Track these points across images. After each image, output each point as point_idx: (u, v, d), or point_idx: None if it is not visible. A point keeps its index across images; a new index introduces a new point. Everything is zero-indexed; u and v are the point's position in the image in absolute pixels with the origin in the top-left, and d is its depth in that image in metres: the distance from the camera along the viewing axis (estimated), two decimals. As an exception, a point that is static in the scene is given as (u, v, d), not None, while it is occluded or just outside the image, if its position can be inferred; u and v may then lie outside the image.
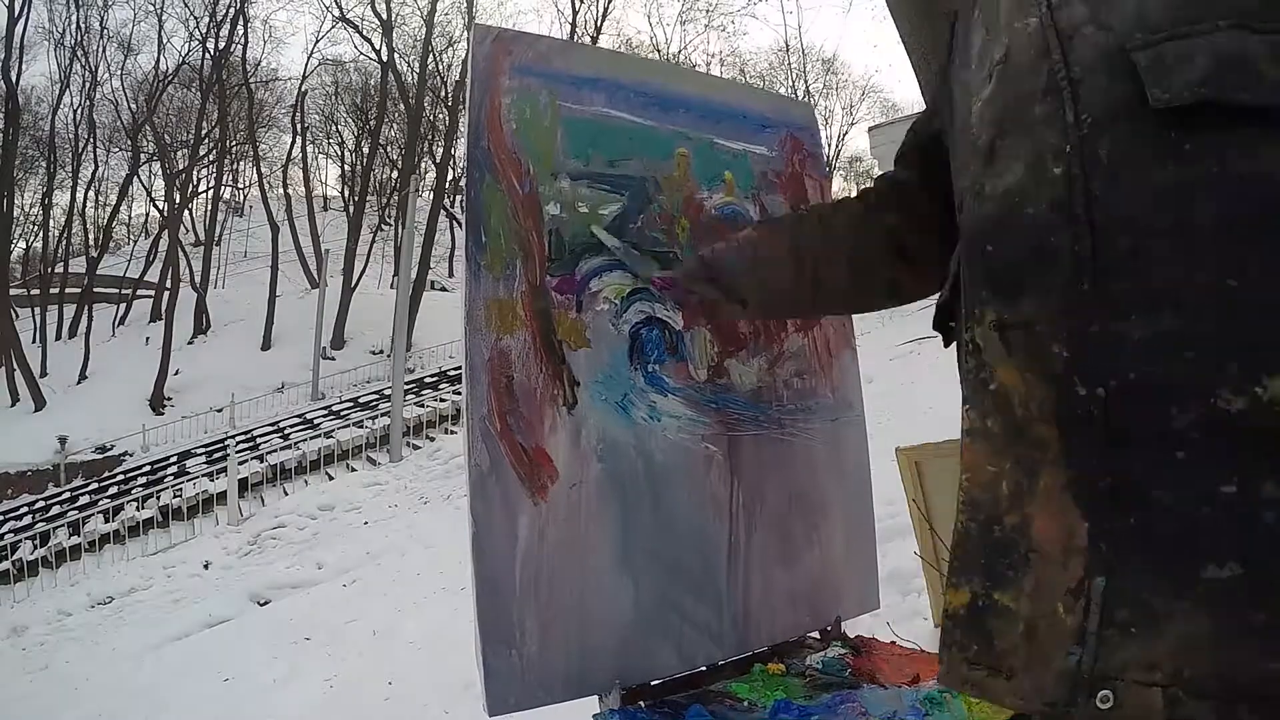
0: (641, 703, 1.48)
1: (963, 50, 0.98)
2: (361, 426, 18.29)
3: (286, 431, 19.99)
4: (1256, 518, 0.64)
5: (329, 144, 38.58)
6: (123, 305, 31.09)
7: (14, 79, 26.33)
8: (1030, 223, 0.75)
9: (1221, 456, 0.65)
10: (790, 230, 1.42)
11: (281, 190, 33.43)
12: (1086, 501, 0.71)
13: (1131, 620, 0.68)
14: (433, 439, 17.52)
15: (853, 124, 39.19)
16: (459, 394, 18.43)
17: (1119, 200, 0.71)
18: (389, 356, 22.72)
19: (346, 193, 36.13)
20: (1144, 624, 0.67)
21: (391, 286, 26.31)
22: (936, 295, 1.00)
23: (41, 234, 32.12)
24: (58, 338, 29.73)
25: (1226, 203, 0.66)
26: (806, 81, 30.91)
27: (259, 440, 19.58)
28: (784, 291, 1.39)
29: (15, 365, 25.23)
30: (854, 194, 1.39)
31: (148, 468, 19.70)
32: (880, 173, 1.42)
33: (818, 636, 1.85)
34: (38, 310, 29.48)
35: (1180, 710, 0.65)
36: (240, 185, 39.40)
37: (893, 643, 1.91)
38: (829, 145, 34.53)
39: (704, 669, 1.63)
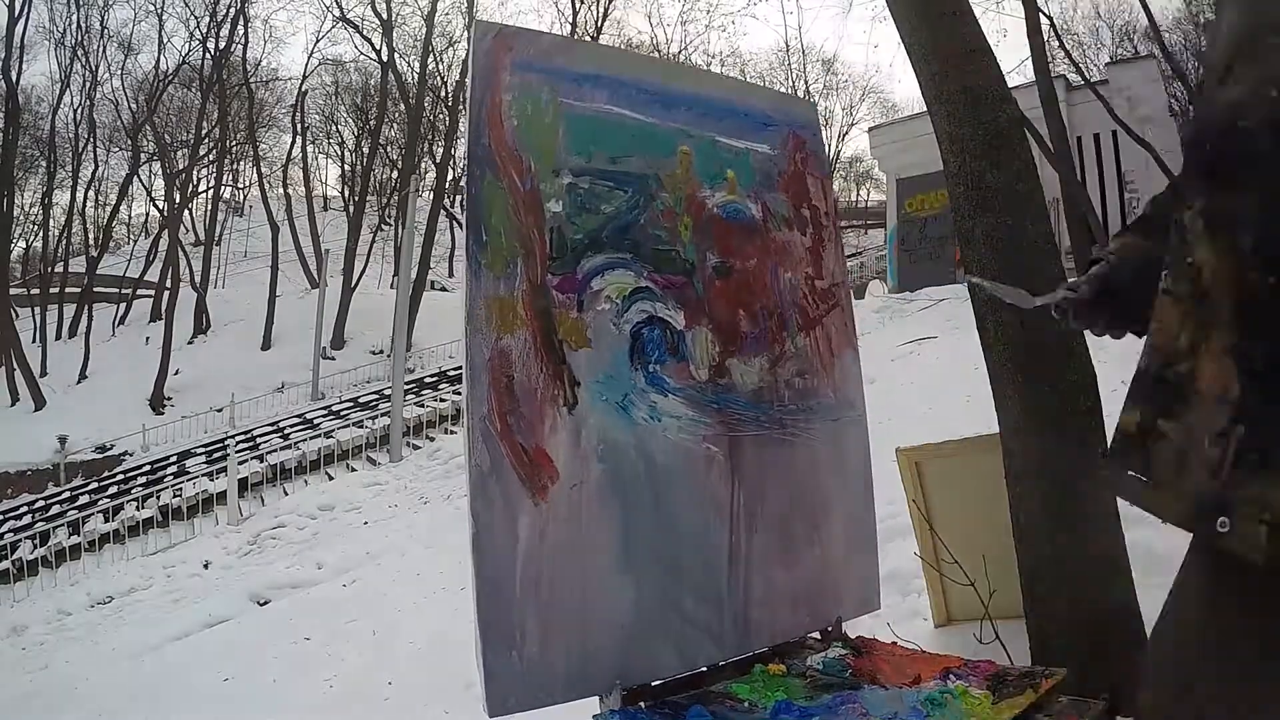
0: (642, 703, 1.47)
1: None
2: (361, 426, 18.28)
3: (286, 431, 19.98)
4: None
5: (329, 144, 38.61)
6: (123, 305, 31.08)
7: (14, 78, 26.34)
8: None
9: None
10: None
11: (281, 190, 33.43)
12: (1244, 364, 0.88)
13: (1257, 464, 0.85)
14: (432, 439, 17.50)
15: (852, 124, 39.18)
16: (459, 394, 18.39)
17: None
18: (389, 356, 22.70)
19: (346, 193, 36.12)
20: (1266, 471, 0.84)
21: (391, 286, 26.30)
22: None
23: (41, 233, 32.14)
24: (58, 337, 29.71)
25: None
26: (806, 82, 30.93)
27: (259, 440, 19.57)
28: None
29: (15, 365, 25.24)
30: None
31: (147, 467, 19.69)
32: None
33: (818, 637, 1.84)
34: (38, 310, 29.46)
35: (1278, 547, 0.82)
36: (240, 185, 39.44)
37: (893, 643, 1.91)
38: (829, 145, 34.52)
39: (704, 669, 1.62)
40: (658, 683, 1.54)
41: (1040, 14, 12.02)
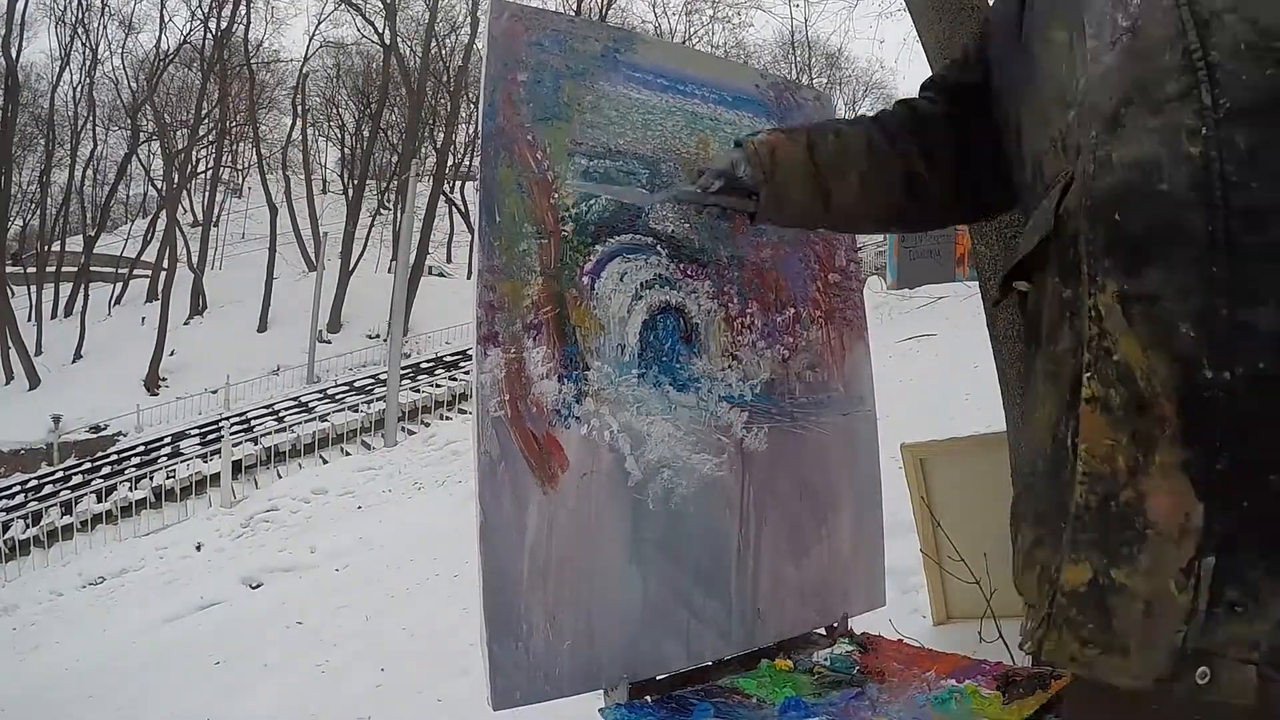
0: (648, 697, 1.45)
1: (1050, 9, 0.96)
2: (356, 411, 18.27)
3: (281, 414, 19.95)
4: None
5: (329, 127, 38.41)
6: (119, 285, 30.98)
7: (14, 55, 26.18)
8: (1164, 198, 0.75)
9: None
10: (807, 139, 1.37)
11: (281, 172, 33.30)
12: (1203, 482, 0.72)
13: (1239, 600, 0.71)
14: (428, 424, 17.49)
15: (854, 119, 39.05)
16: (454, 380, 18.25)
17: (1259, 189, 0.71)
18: (385, 341, 22.66)
19: (346, 176, 35.98)
20: (1250, 604, 0.70)
21: (389, 271, 26.24)
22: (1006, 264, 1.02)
23: (39, 212, 31.98)
24: (53, 316, 29.59)
25: None
26: (811, 75, 30.83)
27: (253, 423, 19.54)
28: (795, 200, 1.37)
29: (10, 343, 25.16)
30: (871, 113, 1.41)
31: (141, 448, 19.64)
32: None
33: (823, 633, 1.82)
34: (33, 288, 29.32)
35: (1273, 688, 0.69)
36: (239, 166, 39.24)
37: (900, 640, 1.89)
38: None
39: (710, 664, 1.60)
40: (663, 676, 1.52)
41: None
